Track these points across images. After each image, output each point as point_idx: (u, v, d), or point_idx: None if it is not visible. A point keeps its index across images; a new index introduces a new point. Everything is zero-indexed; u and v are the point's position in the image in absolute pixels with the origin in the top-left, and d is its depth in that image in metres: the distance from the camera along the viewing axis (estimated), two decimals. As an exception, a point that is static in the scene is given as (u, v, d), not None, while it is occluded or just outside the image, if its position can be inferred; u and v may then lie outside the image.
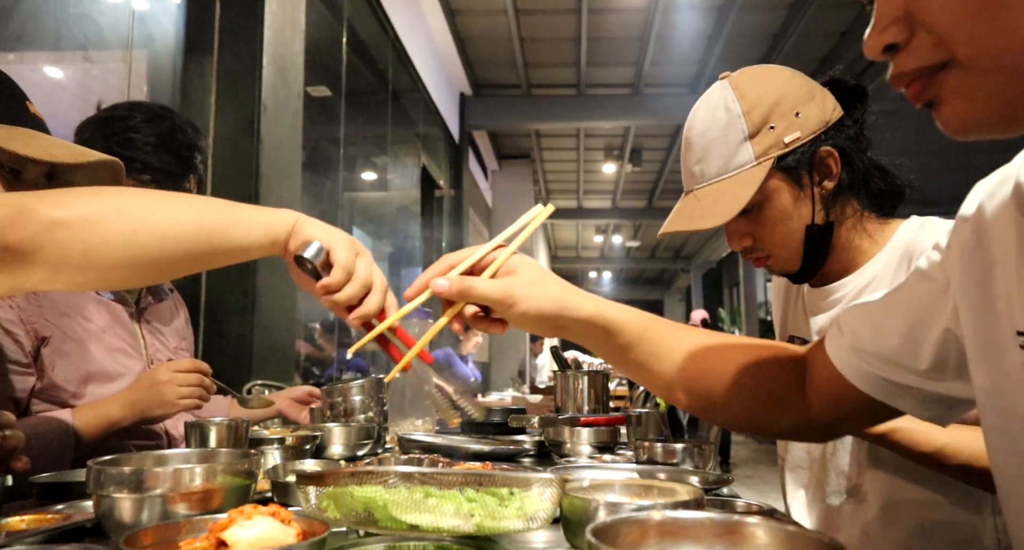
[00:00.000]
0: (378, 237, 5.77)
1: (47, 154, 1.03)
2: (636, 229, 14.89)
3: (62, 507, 0.89)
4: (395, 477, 0.64)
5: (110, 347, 1.38)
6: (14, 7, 2.02)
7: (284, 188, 2.66)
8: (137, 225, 0.76)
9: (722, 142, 1.06)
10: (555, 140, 9.61)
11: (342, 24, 4.09)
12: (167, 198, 0.81)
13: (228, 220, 0.81)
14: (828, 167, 1.06)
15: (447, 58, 6.76)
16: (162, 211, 0.78)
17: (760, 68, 1.11)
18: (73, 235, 0.72)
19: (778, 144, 1.04)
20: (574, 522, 0.69)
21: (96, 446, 1.26)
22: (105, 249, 0.74)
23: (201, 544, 0.62)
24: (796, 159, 1.05)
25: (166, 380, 1.31)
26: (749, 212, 1.08)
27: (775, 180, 1.06)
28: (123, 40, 2.36)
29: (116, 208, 0.76)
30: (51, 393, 1.27)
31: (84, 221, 0.73)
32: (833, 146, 1.05)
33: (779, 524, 0.50)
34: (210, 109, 2.49)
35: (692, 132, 1.11)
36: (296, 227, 0.84)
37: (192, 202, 0.82)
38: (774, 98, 1.05)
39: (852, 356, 0.75)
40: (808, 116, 1.04)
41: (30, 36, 2.09)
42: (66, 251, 0.71)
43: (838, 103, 1.08)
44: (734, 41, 6.55)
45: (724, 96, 1.08)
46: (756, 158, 1.04)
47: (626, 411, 1.67)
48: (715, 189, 1.07)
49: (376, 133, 5.20)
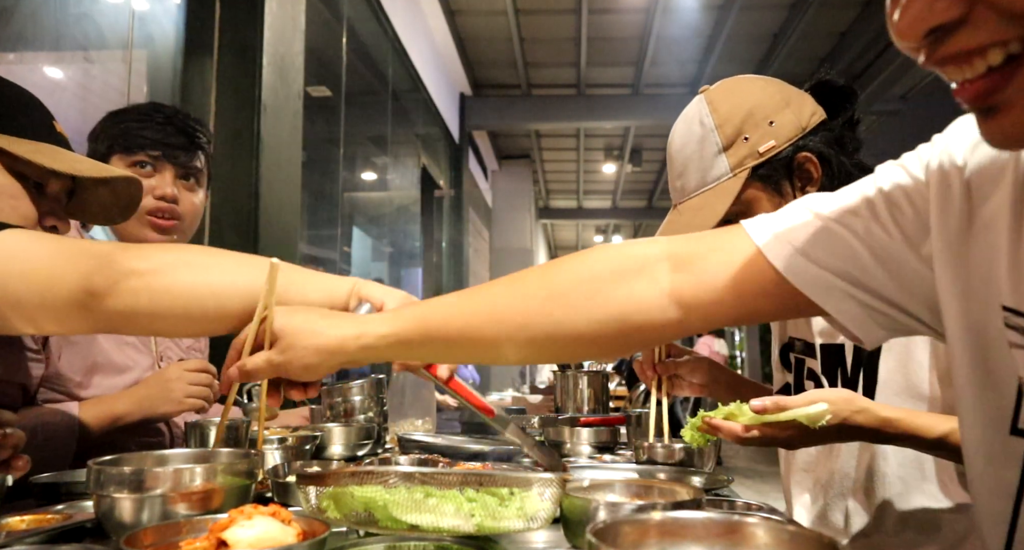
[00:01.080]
0: (378, 237, 5.77)
1: (72, 169, 1.06)
2: (636, 229, 14.89)
3: (62, 507, 0.89)
4: (395, 477, 0.64)
5: (119, 340, 1.38)
6: (14, 7, 2.02)
7: (284, 188, 2.66)
8: (199, 279, 0.82)
9: (698, 156, 1.08)
10: (555, 140, 9.61)
11: (342, 24, 4.09)
12: (236, 257, 0.88)
13: (298, 282, 0.86)
14: (808, 172, 1.06)
15: (447, 58, 6.76)
16: (226, 268, 0.85)
17: (736, 80, 1.11)
18: (143, 283, 0.79)
19: (752, 154, 1.05)
20: (574, 522, 0.69)
21: (99, 441, 1.26)
22: (167, 299, 0.80)
23: (201, 544, 0.62)
24: (772, 167, 1.05)
25: (175, 378, 1.32)
26: (730, 223, 1.09)
27: (753, 190, 1.06)
28: (123, 40, 2.36)
29: (186, 261, 0.83)
30: (56, 382, 1.26)
31: (155, 271, 0.80)
32: (811, 151, 1.05)
33: (779, 524, 0.50)
34: (210, 109, 2.49)
35: (672, 148, 1.14)
36: (355, 289, 0.88)
37: (256, 262, 0.86)
38: (747, 109, 1.06)
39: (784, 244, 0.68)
40: (782, 124, 1.05)
41: (30, 36, 2.09)
42: (136, 298, 0.78)
43: (820, 107, 1.08)
44: (734, 41, 6.55)
45: (699, 110, 1.10)
46: (731, 170, 1.06)
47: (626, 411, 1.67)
48: (695, 202, 1.09)
49: (376, 133, 5.20)
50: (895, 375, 1.05)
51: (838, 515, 1.13)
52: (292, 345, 0.76)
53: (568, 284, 0.74)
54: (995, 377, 0.58)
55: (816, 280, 0.67)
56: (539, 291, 0.75)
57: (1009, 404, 0.57)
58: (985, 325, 0.58)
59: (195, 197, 1.47)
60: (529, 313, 0.74)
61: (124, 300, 0.78)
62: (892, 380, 1.05)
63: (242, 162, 2.46)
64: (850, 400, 0.94)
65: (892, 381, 1.05)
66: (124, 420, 1.28)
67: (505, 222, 9.69)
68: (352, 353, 0.75)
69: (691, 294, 0.72)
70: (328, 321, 0.77)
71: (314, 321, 0.78)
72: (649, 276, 0.73)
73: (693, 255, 0.73)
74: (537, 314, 0.73)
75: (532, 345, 0.75)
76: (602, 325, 0.73)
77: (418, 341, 0.76)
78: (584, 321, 0.73)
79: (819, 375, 1.15)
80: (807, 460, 1.22)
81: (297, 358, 0.76)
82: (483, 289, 0.79)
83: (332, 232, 4.21)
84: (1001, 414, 0.58)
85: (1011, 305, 0.55)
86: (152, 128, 1.40)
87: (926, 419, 0.93)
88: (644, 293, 0.72)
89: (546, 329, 0.73)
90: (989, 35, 0.38)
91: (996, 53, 0.39)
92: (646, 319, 0.73)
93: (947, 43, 0.40)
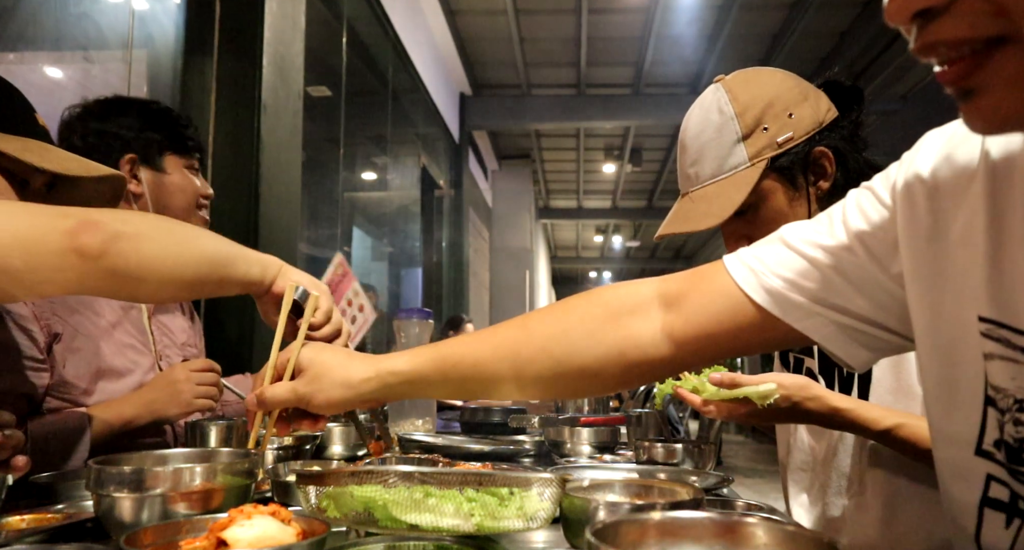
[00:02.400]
0: (378, 237, 5.77)
1: (62, 167, 1.07)
2: (636, 229, 14.89)
3: (62, 507, 0.89)
4: (395, 477, 0.64)
5: (120, 343, 1.38)
6: (14, 7, 2.02)
7: (284, 188, 2.66)
8: (183, 245, 0.85)
9: (716, 144, 1.07)
10: (555, 140, 9.61)
11: (342, 24, 4.09)
12: (198, 229, 0.92)
13: (239, 254, 0.90)
14: (823, 167, 1.06)
15: (447, 58, 6.76)
16: (199, 237, 0.88)
17: (754, 71, 1.11)
18: (132, 246, 0.80)
19: (771, 145, 1.04)
20: (574, 522, 0.69)
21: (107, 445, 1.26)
22: (156, 263, 0.82)
23: (201, 544, 0.62)
24: (790, 159, 1.05)
25: (183, 379, 1.32)
26: (744, 213, 1.08)
27: (769, 181, 1.06)
28: (123, 40, 2.36)
29: (167, 229, 0.87)
30: (62, 390, 1.27)
31: (142, 236, 0.82)
32: (827, 146, 1.05)
33: (779, 524, 0.50)
34: (210, 109, 2.49)
35: (687, 135, 1.12)
36: (283, 270, 0.94)
37: (212, 235, 0.92)
38: (767, 100, 1.05)
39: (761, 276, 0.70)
40: (801, 117, 1.05)
41: (30, 36, 2.09)
42: (126, 260, 0.79)
43: (832, 104, 1.08)
44: (734, 41, 6.55)
45: (718, 99, 1.08)
46: (750, 159, 1.05)
47: (626, 411, 1.67)
48: (710, 191, 1.08)
49: (376, 133, 5.20)
50: (888, 375, 1.07)
51: (836, 515, 1.13)
52: (319, 378, 0.81)
53: (570, 323, 0.80)
54: (962, 397, 0.59)
55: (796, 308, 0.69)
56: (544, 330, 0.80)
57: (975, 425, 0.58)
58: (955, 341, 0.59)
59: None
60: (534, 350, 0.79)
61: (112, 262, 0.79)
62: (885, 379, 1.07)
63: (242, 162, 2.46)
64: (804, 387, 1.00)
65: (885, 380, 1.07)
66: (134, 424, 1.29)
67: (505, 222, 9.69)
68: (373, 390, 0.81)
69: (681, 331, 0.76)
70: (353, 359, 0.84)
71: (341, 358, 0.84)
72: (643, 315, 0.78)
73: (680, 294, 0.77)
74: (541, 351, 0.79)
75: (539, 381, 0.80)
76: (602, 361, 0.78)
77: (436, 378, 0.81)
78: (585, 358, 0.78)
79: (817, 374, 1.15)
80: (804, 460, 1.22)
81: (322, 391, 0.81)
82: (494, 330, 0.84)
83: (332, 232, 4.21)
84: (967, 434, 0.59)
85: (989, 316, 0.55)
86: (192, 132, 1.51)
87: (876, 412, 0.98)
88: (639, 331, 0.77)
89: (550, 365, 0.79)
90: (969, 28, 0.38)
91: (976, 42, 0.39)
92: (643, 355, 0.77)
93: (928, 30, 0.40)
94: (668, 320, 0.77)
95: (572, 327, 0.79)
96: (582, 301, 0.82)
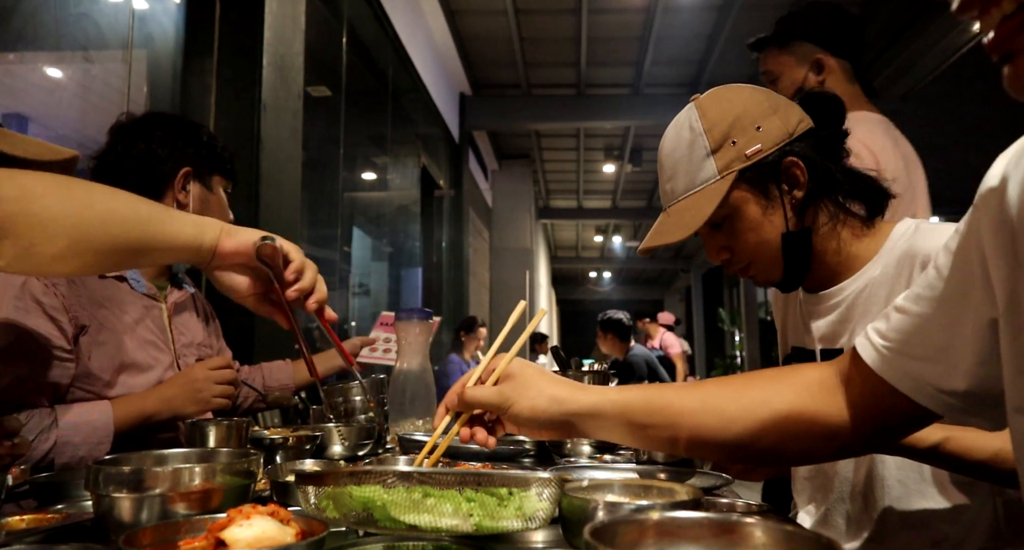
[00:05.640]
0: (378, 237, 5.77)
1: (26, 152, 1.04)
2: (636, 229, 14.89)
3: (62, 507, 0.89)
4: (394, 477, 0.64)
5: (142, 339, 1.42)
6: (14, 7, 2.02)
7: (284, 188, 2.66)
8: (82, 205, 0.79)
9: (688, 160, 1.10)
10: (555, 140, 9.61)
11: (342, 24, 4.09)
12: (109, 189, 0.86)
13: (163, 214, 0.86)
14: (794, 176, 1.07)
15: (447, 58, 6.77)
16: (104, 196, 0.83)
17: (725, 88, 1.14)
18: (20, 209, 0.74)
19: (740, 157, 1.07)
20: (573, 522, 0.69)
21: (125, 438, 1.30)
22: (52, 226, 0.76)
23: (200, 544, 0.62)
24: (759, 171, 1.07)
25: (202, 378, 1.36)
26: (721, 226, 1.11)
27: (740, 192, 1.08)
28: (123, 40, 2.36)
29: (62, 185, 0.80)
30: (86, 381, 1.31)
31: (30, 195, 0.76)
32: (798, 155, 1.06)
33: (777, 524, 0.51)
34: (210, 109, 2.49)
35: (663, 153, 1.16)
36: (228, 229, 0.91)
37: (130, 196, 0.87)
38: (735, 114, 1.08)
39: (894, 359, 0.74)
40: (769, 129, 1.06)
41: (30, 36, 2.09)
42: (13, 222, 0.74)
43: (806, 115, 1.09)
44: (734, 41, 6.55)
45: (689, 117, 1.12)
46: (719, 172, 1.07)
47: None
48: (683, 205, 1.11)
49: (376, 133, 5.20)
50: None
51: (839, 519, 1.14)
52: (527, 385, 0.83)
53: (726, 398, 0.84)
54: None
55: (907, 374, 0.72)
56: (753, 393, 0.84)
57: None
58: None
59: None
60: (696, 418, 0.83)
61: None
62: None
63: (242, 162, 2.46)
64: None
65: None
66: (153, 419, 1.33)
67: (505, 222, 9.69)
68: (566, 413, 0.82)
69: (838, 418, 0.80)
70: (564, 380, 0.86)
71: (552, 374, 0.87)
72: (795, 398, 0.82)
73: (834, 384, 0.82)
74: (745, 411, 0.82)
75: (695, 445, 0.84)
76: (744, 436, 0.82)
77: (612, 420, 0.83)
78: (732, 430, 0.82)
79: None
80: (810, 468, 1.23)
81: (528, 397, 0.82)
82: (672, 388, 0.88)
83: (332, 232, 4.22)
84: None
85: None
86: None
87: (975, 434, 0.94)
88: (789, 412, 0.81)
89: (701, 432, 0.82)
90: None
91: (1008, 2, 0.41)
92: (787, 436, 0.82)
93: None
94: (844, 427, 0.80)
95: (726, 402, 0.83)
96: (793, 393, 0.83)
